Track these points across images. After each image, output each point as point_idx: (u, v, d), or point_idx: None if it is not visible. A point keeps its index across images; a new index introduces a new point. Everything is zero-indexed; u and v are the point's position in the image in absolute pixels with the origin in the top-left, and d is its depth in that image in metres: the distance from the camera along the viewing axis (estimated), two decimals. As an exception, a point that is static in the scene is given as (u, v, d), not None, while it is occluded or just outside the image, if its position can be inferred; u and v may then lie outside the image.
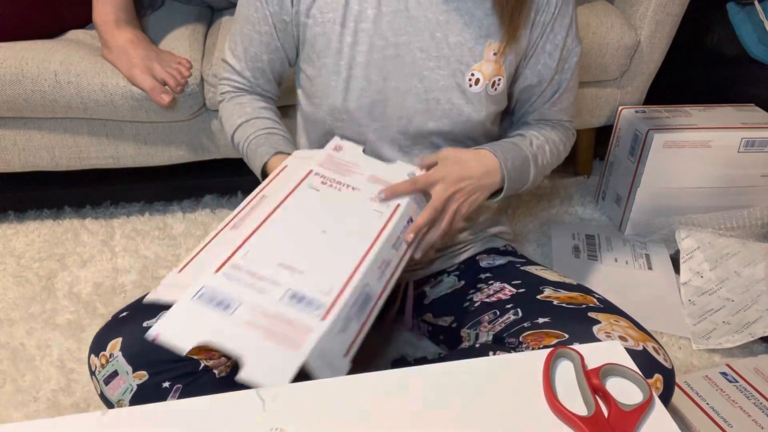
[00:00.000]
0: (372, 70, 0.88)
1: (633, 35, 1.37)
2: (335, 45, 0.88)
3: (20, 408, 1.04)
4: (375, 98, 0.90)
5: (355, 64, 0.88)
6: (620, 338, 0.80)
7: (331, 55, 0.88)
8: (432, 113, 0.91)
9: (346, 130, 0.93)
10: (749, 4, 1.46)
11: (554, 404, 0.58)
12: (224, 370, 0.82)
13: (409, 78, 0.89)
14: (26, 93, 1.23)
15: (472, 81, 0.90)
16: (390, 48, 0.87)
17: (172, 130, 1.34)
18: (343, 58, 0.88)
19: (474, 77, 0.90)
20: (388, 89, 0.89)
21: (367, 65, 0.88)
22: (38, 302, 1.24)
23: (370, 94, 0.89)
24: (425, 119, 0.91)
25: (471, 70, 0.89)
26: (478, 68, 0.89)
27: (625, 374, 0.62)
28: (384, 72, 0.88)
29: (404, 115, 0.91)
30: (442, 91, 0.90)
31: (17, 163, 1.36)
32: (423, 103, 0.90)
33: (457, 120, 0.92)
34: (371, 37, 0.86)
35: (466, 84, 0.90)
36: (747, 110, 1.42)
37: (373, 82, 0.88)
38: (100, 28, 1.23)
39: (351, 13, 0.86)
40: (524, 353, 0.65)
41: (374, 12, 0.86)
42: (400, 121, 0.92)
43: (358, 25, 0.86)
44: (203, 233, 1.42)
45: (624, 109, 1.42)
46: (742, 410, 1.03)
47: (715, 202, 1.39)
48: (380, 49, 0.87)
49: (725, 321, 1.18)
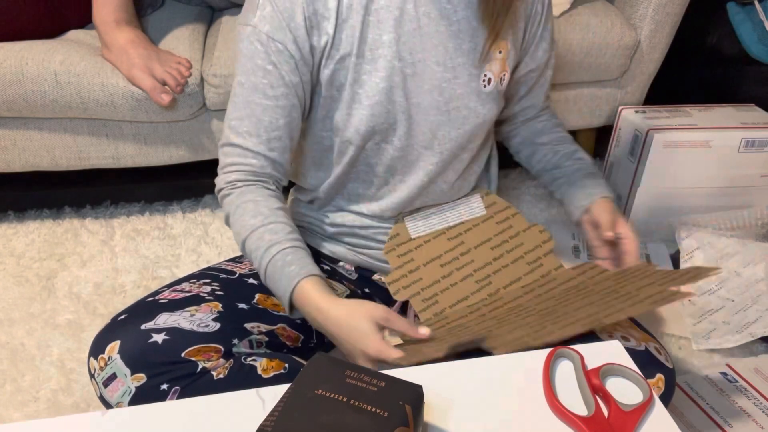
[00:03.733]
0: (395, 92, 0.88)
1: (633, 35, 1.37)
2: (353, 76, 0.87)
3: (20, 408, 1.04)
4: (399, 118, 0.90)
5: (378, 91, 0.88)
6: (622, 338, 0.81)
7: (350, 86, 0.88)
8: (453, 122, 0.93)
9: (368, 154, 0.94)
10: (749, 4, 1.46)
11: (554, 404, 0.58)
12: (222, 372, 0.82)
13: (429, 93, 0.90)
14: (26, 93, 1.23)
15: (486, 81, 0.92)
16: (408, 68, 0.88)
17: (172, 130, 1.34)
18: (363, 86, 0.88)
19: (487, 77, 0.92)
20: (411, 107, 0.90)
21: (389, 89, 0.88)
22: (38, 302, 1.24)
23: (395, 115, 0.90)
24: (449, 129, 0.93)
25: (484, 71, 0.92)
26: (489, 68, 0.92)
27: (625, 374, 0.62)
28: (405, 91, 0.89)
29: (429, 129, 0.92)
30: (460, 99, 0.92)
31: (17, 163, 1.36)
32: (444, 114, 0.92)
33: (475, 123, 0.94)
34: (390, 61, 0.87)
35: (482, 86, 0.92)
36: (747, 110, 1.42)
37: (397, 103, 0.89)
38: (100, 28, 1.23)
39: (366, 43, 0.86)
40: (524, 353, 0.65)
41: (390, 37, 0.86)
42: (424, 136, 0.93)
43: (374, 52, 0.86)
44: (203, 233, 1.42)
45: (624, 109, 1.42)
46: (742, 410, 1.03)
47: (715, 202, 1.39)
48: (399, 70, 0.87)
49: (725, 321, 1.18)
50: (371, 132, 0.90)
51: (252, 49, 0.85)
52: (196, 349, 0.80)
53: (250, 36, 0.84)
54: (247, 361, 0.84)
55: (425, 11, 0.86)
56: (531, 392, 0.60)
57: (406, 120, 0.91)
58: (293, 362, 0.88)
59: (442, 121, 0.92)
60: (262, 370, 0.85)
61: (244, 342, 0.85)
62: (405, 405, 0.51)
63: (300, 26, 0.83)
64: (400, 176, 0.96)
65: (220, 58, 1.26)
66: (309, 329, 0.95)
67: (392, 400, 0.51)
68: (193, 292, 0.87)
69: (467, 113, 0.93)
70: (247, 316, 0.87)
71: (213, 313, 0.84)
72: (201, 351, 0.80)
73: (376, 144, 0.92)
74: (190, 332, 0.81)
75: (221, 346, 0.82)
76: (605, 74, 1.42)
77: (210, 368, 0.81)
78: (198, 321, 0.82)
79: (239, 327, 0.85)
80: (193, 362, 0.80)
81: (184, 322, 0.81)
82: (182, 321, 0.81)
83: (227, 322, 0.84)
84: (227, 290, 0.89)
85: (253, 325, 0.87)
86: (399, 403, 0.51)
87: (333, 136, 0.93)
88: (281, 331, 0.90)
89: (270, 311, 0.90)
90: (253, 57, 0.85)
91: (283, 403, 0.50)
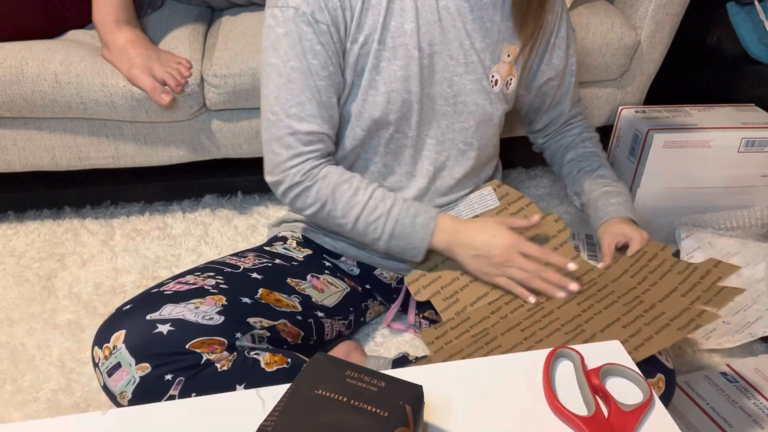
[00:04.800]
0: (411, 82, 0.90)
1: (633, 35, 1.37)
2: (372, 62, 0.89)
3: (20, 408, 1.04)
4: (413, 107, 0.93)
5: (396, 79, 0.90)
6: (621, 338, 0.81)
7: (369, 72, 0.90)
8: (459, 115, 0.95)
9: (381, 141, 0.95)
10: (749, 4, 1.46)
11: (554, 404, 0.58)
12: (226, 364, 0.82)
13: (439, 84, 0.93)
14: (26, 93, 1.23)
15: (493, 82, 0.95)
16: (425, 58, 0.90)
17: (172, 130, 1.34)
18: (380, 72, 0.90)
19: (494, 78, 0.95)
20: (423, 97, 0.93)
21: (406, 78, 0.90)
22: (38, 302, 1.24)
23: (410, 104, 0.92)
24: (452, 120, 0.96)
25: (492, 72, 0.94)
26: (497, 70, 0.95)
27: (625, 374, 0.62)
28: (421, 82, 0.91)
29: (434, 118, 0.95)
30: (469, 94, 0.94)
31: (17, 163, 1.36)
32: (451, 106, 0.95)
33: (481, 119, 0.97)
34: (410, 50, 0.89)
35: (490, 86, 0.95)
36: (747, 110, 1.42)
37: (413, 93, 0.91)
38: (100, 28, 1.23)
39: (388, 29, 0.88)
40: (524, 353, 0.65)
41: (412, 26, 0.88)
42: (430, 125, 0.95)
43: (396, 40, 0.88)
44: (203, 233, 1.42)
45: (624, 109, 1.42)
46: (742, 410, 1.03)
47: (715, 202, 1.39)
48: (417, 60, 0.90)
49: (725, 321, 1.18)
50: (384, 120, 0.92)
51: (300, 32, 0.86)
52: (200, 341, 0.80)
53: (295, 18, 0.85)
54: (250, 354, 0.85)
55: (444, 5, 0.89)
56: (531, 392, 0.60)
57: (419, 110, 0.93)
58: (295, 358, 0.89)
59: (448, 112, 0.95)
60: (265, 364, 0.85)
61: (247, 336, 0.86)
62: (405, 405, 0.51)
63: (336, 6, 0.85)
64: (407, 167, 0.97)
65: (220, 58, 1.26)
66: (309, 326, 0.96)
67: (392, 400, 0.51)
68: (197, 285, 0.87)
69: (474, 108, 0.95)
70: (250, 311, 0.87)
71: (217, 306, 0.84)
72: (205, 343, 0.81)
73: (389, 134, 0.94)
74: (195, 324, 0.81)
75: (225, 339, 0.83)
76: (605, 74, 1.42)
77: (214, 360, 0.81)
78: (203, 313, 0.83)
79: (242, 321, 0.86)
80: (198, 354, 0.80)
81: (189, 314, 0.82)
82: (187, 313, 0.82)
83: (231, 316, 0.84)
84: (231, 284, 0.89)
85: (255, 320, 0.87)
86: (399, 403, 0.51)
87: (346, 125, 0.94)
88: (282, 327, 0.91)
89: (272, 306, 0.90)
90: (302, 39, 0.86)
91: (283, 403, 0.50)
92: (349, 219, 0.91)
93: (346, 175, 0.91)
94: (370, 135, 0.94)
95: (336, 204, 0.90)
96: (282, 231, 1.08)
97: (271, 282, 0.93)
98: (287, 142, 0.89)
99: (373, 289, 1.09)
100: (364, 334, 1.16)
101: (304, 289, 0.97)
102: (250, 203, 1.51)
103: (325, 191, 0.90)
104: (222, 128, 1.34)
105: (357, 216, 0.91)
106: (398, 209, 0.91)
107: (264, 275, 0.94)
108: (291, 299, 0.94)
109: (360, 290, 1.06)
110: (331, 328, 1.01)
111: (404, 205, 0.92)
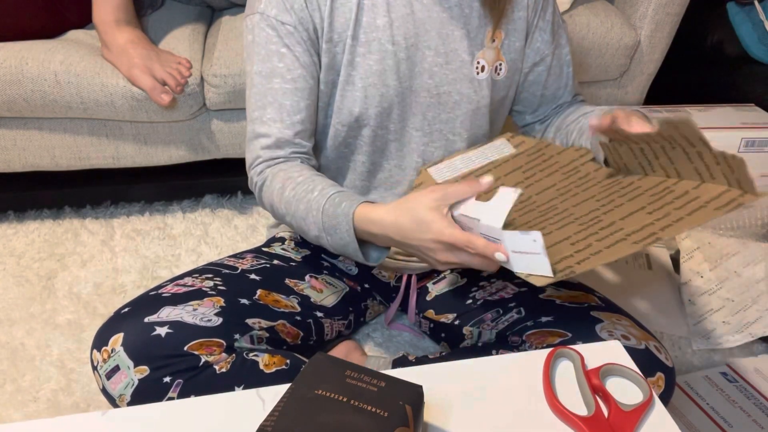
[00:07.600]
0: (388, 76, 0.90)
1: (633, 35, 1.37)
2: (347, 57, 0.88)
3: (20, 408, 1.04)
4: (393, 101, 0.91)
5: (371, 73, 0.89)
6: (622, 337, 0.81)
7: (345, 68, 0.89)
8: (444, 106, 0.94)
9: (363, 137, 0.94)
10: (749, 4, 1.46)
11: (554, 404, 0.59)
12: (224, 366, 0.82)
13: (419, 76, 0.91)
14: (26, 93, 1.23)
15: (479, 68, 0.93)
16: (401, 52, 0.89)
17: (172, 130, 1.34)
18: (356, 68, 0.89)
19: (480, 64, 0.93)
20: (404, 91, 0.92)
21: (382, 72, 0.89)
22: (38, 302, 1.24)
23: (389, 98, 0.91)
24: (438, 111, 0.94)
25: (476, 58, 0.92)
26: (482, 55, 0.93)
27: (625, 374, 0.62)
28: (399, 75, 0.90)
29: (420, 111, 0.93)
30: (452, 84, 0.92)
31: (17, 163, 1.36)
32: (435, 97, 0.93)
33: (467, 108, 0.94)
34: (383, 44, 0.88)
35: (474, 73, 0.93)
36: (747, 110, 1.42)
37: (391, 87, 0.90)
38: (100, 28, 1.23)
39: (361, 26, 0.87)
40: (524, 353, 0.65)
41: (384, 20, 0.88)
42: (416, 118, 0.94)
43: (369, 35, 0.88)
44: (203, 233, 1.42)
45: (624, 109, 1.42)
46: (742, 410, 1.03)
47: (715, 202, 1.39)
48: (392, 54, 0.89)
49: (725, 321, 1.18)
50: (364, 116, 0.91)
51: (264, 36, 0.86)
52: (198, 343, 0.80)
53: (260, 23, 0.86)
54: (249, 356, 0.85)
55: None
56: (531, 392, 0.60)
57: (399, 104, 0.92)
58: (294, 359, 0.89)
59: (432, 104, 0.93)
60: (264, 366, 0.85)
61: (246, 337, 0.85)
62: (405, 405, 0.51)
63: (302, 7, 0.85)
64: (394, 160, 0.97)
65: (220, 58, 1.26)
66: (309, 326, 0.96)
67: (392, 400, 0.51)
68: (195, 287, 0.87)
69: (459, 98, 0.94)
70: (249, 312, 0.87)
71: (215, 307, 0.84)
72: (203, 345, 0.81)
73: (371, 131, 0.93)
74: (193, 326, 0.81)
75: (223, 340, 0.83)
76: (605, 74, 1.42)
77: (212, 362, 0.81)
78: (201, 315, 0.82)
79: (241, 322, 0.86)
80: (196, 356, 0.80)
81: (187, 316, 0.82)
82: (185, 315, 0.82)
83: (229, 317, 0.84)
84: (229, 285, 0.89)
85: (254, 321, 0.87)
86: (399, 403, 0.51)
87: (330, 124, 0.94)
88: (281, 328, 0.91)
89: (271, 307, 0.90)
90: (267, 43, 0.86)
91: (283, 403, 0.50)
92: (295, 217, 0.84)
93: (292, 171, 0.85)
94: (352, 133, 0.94)
95: (281, 203, 0.85)
96: (280, 232, 1.08)
97: (270, 283, 0.93)
98: (250, 146, 0.90)
99: (372, 288, 1.09)
100: (364, 334, 1.16)
101: (303, 290, 0.97)
102: (250, 203, 1.51)
103: (269, 192, 0.87)
104: (222, 128, 1.34)
105: (294, 211, 0.83)
106: (320, 196, 0.80)
107: (262, 276, 0.94)
108: (289, 300, 0.94)
109: (359, 290, 1.06)
110: (330, 328, 1.01)
111: (330, 192, 0.80)
